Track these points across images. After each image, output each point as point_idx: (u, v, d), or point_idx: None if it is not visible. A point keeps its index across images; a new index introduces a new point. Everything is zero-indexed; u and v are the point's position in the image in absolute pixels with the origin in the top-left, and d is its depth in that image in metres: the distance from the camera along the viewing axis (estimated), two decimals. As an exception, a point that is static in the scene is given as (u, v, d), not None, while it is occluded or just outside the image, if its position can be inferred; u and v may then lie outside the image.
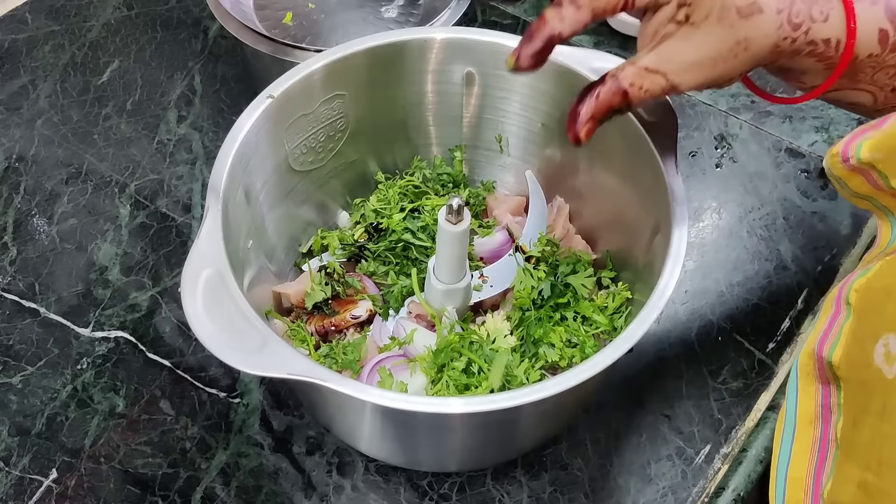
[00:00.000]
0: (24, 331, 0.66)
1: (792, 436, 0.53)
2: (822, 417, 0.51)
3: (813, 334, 0.53)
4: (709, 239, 0.74)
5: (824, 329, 0.52)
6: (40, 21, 0.90)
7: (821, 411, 0.51)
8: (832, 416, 0.50)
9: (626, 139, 0.56)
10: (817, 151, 0.80)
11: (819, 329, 0.52)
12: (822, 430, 0.51)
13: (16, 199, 0.75)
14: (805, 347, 0.53)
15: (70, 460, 0.60)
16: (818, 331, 0.52)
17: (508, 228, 0.66)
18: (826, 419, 0.51)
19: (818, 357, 0.51)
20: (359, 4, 0.83)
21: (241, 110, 0.55)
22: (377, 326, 0.61)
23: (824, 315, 0.52)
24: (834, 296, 0.52)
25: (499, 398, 0.43)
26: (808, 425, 0.52)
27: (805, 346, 0.53)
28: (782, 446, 0.53)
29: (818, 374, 0.52)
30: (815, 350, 0.51)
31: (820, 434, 0.51)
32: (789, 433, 0.53)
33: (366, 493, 0.59)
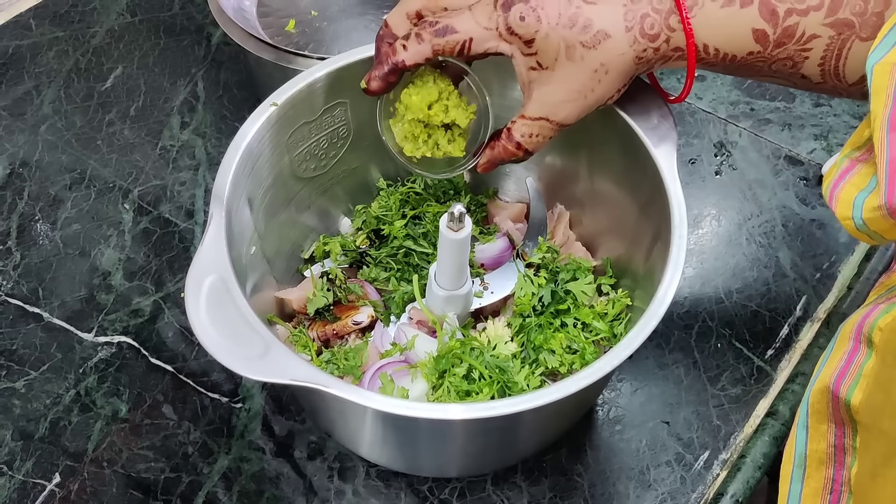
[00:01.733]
0: (28, 335, 0.67)
1: (802, 478, 0.50)
2: (835, 459, 0.49)
3: (826, 370, 0.50)
4: (708, 246, 0.74)
5: (841, 366, 0.48)
6: (44, 27, 0.91)
7: (833, 452, 0.49)
8: (846, 458, 0.48)
9: (626, 147, 0.56)
10: (816, 159, 0.80)
11: (834, 365, 0.49)
12: (834, 472, 0.49)
13: (20, 205, 0.76)
14: (817, 384, 0.50)
15: (73, 464, 0.60)
16: (832, 367, 0.49)
17: (509, 235, 0.66)
18: (839, 461, 0.49)
19: (834, 395, 0.48)
20: (361, 12, 0.84)
21: (243, 117, 0.55)
22: (378, 332, 0.61)
23: (839, 349, 0.49)
24: (851, 329, 0.49)
25: (499, 405, 0.44)
26: (820, 466, 0.50)
27: (816, 382, 0.50)
28: (791, 487, 0.51)
29: (831, 414, 0.49)
30: (831, 387, 0.49)
31: (832, 475, 0.49)
32: (799, 475, 0.51)
33: (367, 497, 0.59)
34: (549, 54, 0.49)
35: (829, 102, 0.85)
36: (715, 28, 0.48)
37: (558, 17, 0.48)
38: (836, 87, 0.50)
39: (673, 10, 0.48)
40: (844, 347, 0.49)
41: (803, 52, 0.48)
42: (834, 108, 0.85)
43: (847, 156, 0.44)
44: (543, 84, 0.50)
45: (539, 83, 0.51)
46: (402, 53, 0.51)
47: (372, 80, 0.52)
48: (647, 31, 0.49)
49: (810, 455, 0.50)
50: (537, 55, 0.50)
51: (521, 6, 0.48)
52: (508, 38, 0.50)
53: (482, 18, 0.50)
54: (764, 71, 0.51)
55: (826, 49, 0.47)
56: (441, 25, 0.50)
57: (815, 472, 0.50)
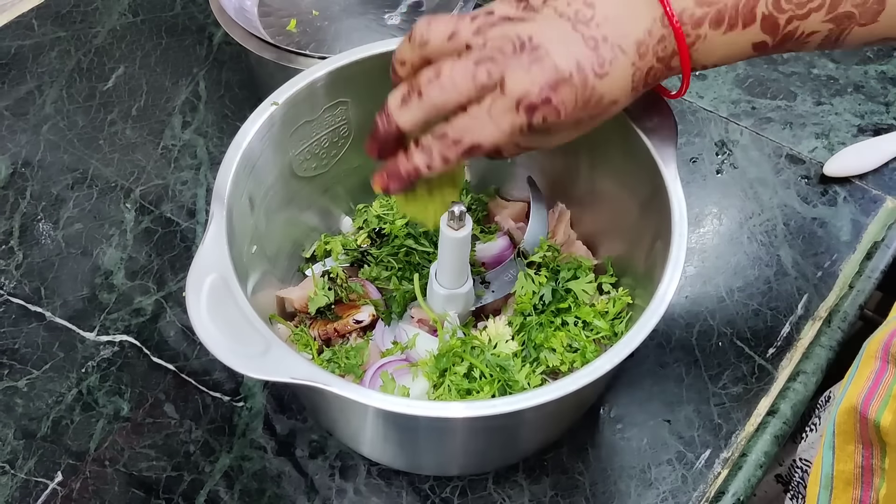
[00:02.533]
0: (30, 335, 0.67)
1: (829, 499, 0.50)
2: (863, 479, 0.49)
3: (853, 389, 0.49)
4: (709, 244, 0.74)
5: (868, 386, 0.49)
6: (46, 27, 0.91)
7: (860, 473, 0.49)
8: (874, 479, 0.48)
9: (627, 145, 0.56)
10: (818, 158, 0.80)
11: (861, 385, 0.49)
12: (861, 493, 0.49)
13: (22, 204, 0.76)
14: (843, 404, 0.49)
15: (75, 463, 0.60)
16: (860, 387, 0.49)
17: (510, 234, 0.66)
18: (867, 482, 0.49)
19: (862, 417, 0.48)
20: (362, 11, 0.84)
21: (245, 116, 0.56)
22: (379, 331, 0.61)
23: (865, 368, 0.49)
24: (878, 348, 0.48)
25: (500, 403, 0.44)
26: (847, 486, 0.50)
27: (843, 402, 0.49)
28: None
29: (859, 435, 0.49)
30: (859, 408, 0.48)
31: (860, 496, 0.49)
32: (825, 496, 0.50)
33: (368, 496, 0.59)
34: None
35: (831, 101, 0.85)
36: (716, 51, 0.47)
37: (574, 103, 0.45)
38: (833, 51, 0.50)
39: (675, 53, 0.47)
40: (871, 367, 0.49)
41: (802, 46, 0.48)
42: (835, 106, 0.85)
43: None
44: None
45: None
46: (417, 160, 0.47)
47: (392, 184, 0.49)
48: (648, 82, 0.48)
49: (837, 476, 0.50)
50: None
51: (546, 109, 0.45)
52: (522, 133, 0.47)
53: (503, 124, 0.45)
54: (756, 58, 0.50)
55: (825, 39, 0.47)
56: (465, 144, 0.46)
57: (842, 494, 0.50)
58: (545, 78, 0.44)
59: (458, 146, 0.46)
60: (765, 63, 0.88)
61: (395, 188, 0.49)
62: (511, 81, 0.44)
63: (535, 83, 0.44)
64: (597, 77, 0.45)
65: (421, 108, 0.46)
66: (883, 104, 0.85)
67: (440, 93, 0.45)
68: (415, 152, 0.47)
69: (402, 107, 0.46)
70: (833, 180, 0.78)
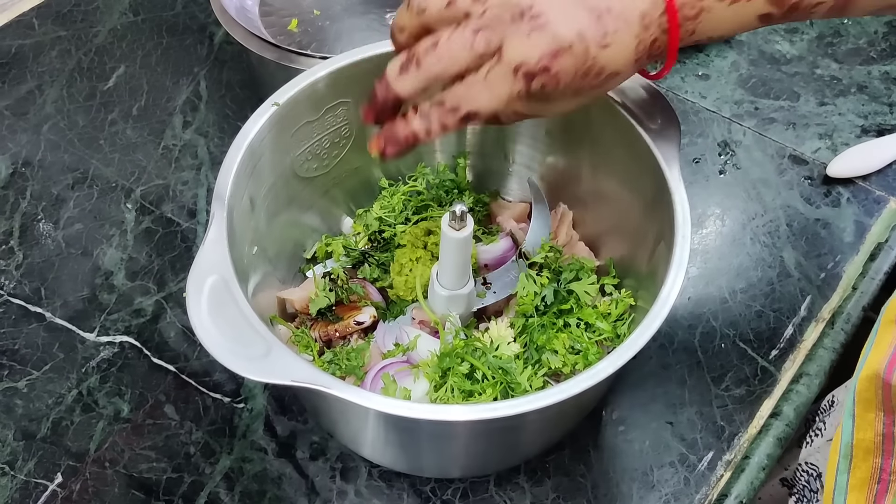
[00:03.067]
0: (30, 335, 0.67)
1: (848, 468, 0.49)
2: (884, 448, 0.48)
3: (874, 356, 0.48)
4: (712, 246, 0.74)
5: (891, 353, 0.47)
6: (47, 26, 0.91)
7: (881, 441, 0.48)
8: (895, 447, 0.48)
9: (629, 146, 0.56)
10: (821, 158, 0.80)
11: (883, 352, 0.48)
12: (882, 461, 0.48)
13: (22, 204, 0.76)
14: (864, 371, 0.48)
15: (75, 465, 0.60)
16: (881, 353, 0.48)
17: (512, 235, 0.66)
18: (888, 450, 0.48)
19: (885, 383, 0.47)
20: (364, 11, 0.84)
21: (246, 116, 0.55)
22: (381, 332, 0.61)
23: (886, 334, 0.47)
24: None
25: (502, 406, 0.43)
26: (867, 455, 0.49)
27: (863, 369, 0.48)
28: (838, 479, 0.50)
29: (881, 402, 0.48)
30: (882, 374, 0.47)
31: (881, 464, 0.48)
32: (845, 465, 0.49)
33: (369, 498, 0.59)
34: None
35: (834, 101, 0.85)
36: (722, 23, 0.47)
37: (574, 73, 0.45)
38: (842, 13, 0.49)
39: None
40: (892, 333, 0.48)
41: (809, 15, 0.47)
42: (839, 107, 0.84)
43: None
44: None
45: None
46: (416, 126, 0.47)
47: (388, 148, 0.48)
48: (653, 53, 0.47)
49: (857, 444, 0.49)
50: None
51: (544, 77, 0.44)
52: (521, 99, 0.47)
53: (501, 91, 0.45)
54: None
55: (831, 9, 0.46)
56: (463, 111, 0.46)
57: (862, 462, 0.48)
58: (544, 46, 0.43)
59: (455, 113, 0.46)
60: (768, 63, 0.88)
61: (391, 152, 0.48)
62: (509, 48, 0.44)
63: (534, 50, 0.43)
64: (599, 48, 0.44)
65: (419, 77, 0.46)
66: (887, 105, 0.84)
67: (438, 62, 0.45)
68: (413, 118, 0.47)
69: (400, 75, 0.46)
70: (836, 181, 0.78)
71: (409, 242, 0.63)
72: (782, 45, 0.90)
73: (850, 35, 0.91)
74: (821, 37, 0.91)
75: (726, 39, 0.47)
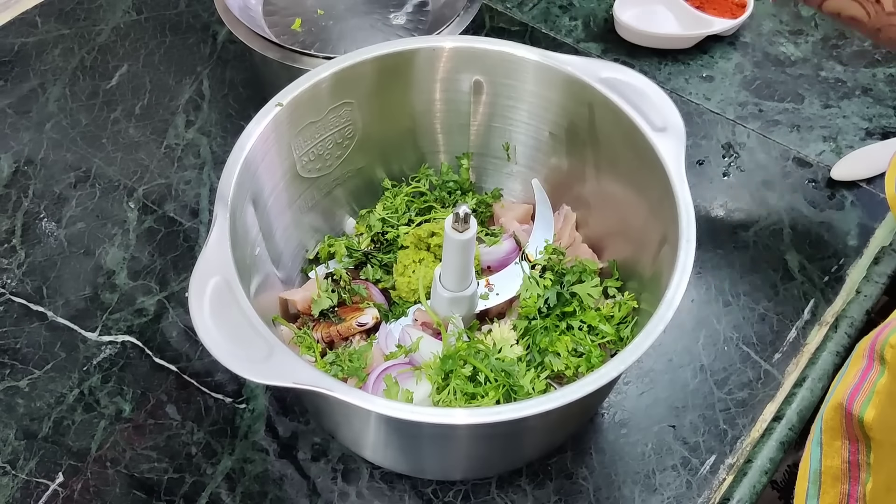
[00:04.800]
0: (32, 334, 0.67)
1: (817, 494, 0.51)
2: (850, 475, 0.49)
3: (841, 387, 0.50)
4: (715, 248, 0.73)
5: (854, 383, 0.49)
6: (50, 25, 0.90)
7: (847, 468, 0.49)
8: (861, 474, 0.49)
9: (633, 148, 0.56)
10: (825, 161, 0.79)
11: (848, 382, 0.49)
12: (849, 488, 0.49)
13: (24, 203, 0.75)
14: (831, 401, 0.50)
15: (76, 464, 0.60)
16: (847, 384, 0.49)
17: (515, 236, 0.66)
18: (854, 477, 0.49)
19: (847, 413, 0.49)
20: (367, 11, 0.83)
21: (249, 115, 0.55)
22: (383, 334, 0.61)
23: (854, 367, 0.49)
24: (865, 347, 0.49)
25: (504, 410, 0.43)
26: (835, 482, 0.50)
27: (831, 399, 0.50)
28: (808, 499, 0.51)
29: (845, 430, 0.50)
30: (844, 405, 0.49)
31: (847, 491, 0.49)
32: (814, 491, 0.51)
33: (370, 500, 0.59)
34: None
35: (839, 104, 0.84)
36: None
37: None
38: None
39: None
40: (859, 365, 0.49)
41: None
42: (843, 109, 0.84)
43: None
44: None
45: None
46: None
47: None
48: None
49: (825, 471, 0.50)
50: None
51: None
52: None
53: None
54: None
55: None
56: None
57: (831, 489, 0.50)
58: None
59: None
60: (772, 65, 0.88)
61: None
62: None
63: None
64: None
65: None
66: (891, 107, 0.84)
67: None
68: None
69: None
70: (840, 184, 0.78)
71: (412, 244, 0.62)
72: (787, 47, 0.90)
73: (855, 37, 0.90)
74: (825, 39, 0.90)
75: (730, 41, 0.47)
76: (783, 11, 0.93)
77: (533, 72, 0.60)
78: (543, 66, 0.60)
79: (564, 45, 0.89)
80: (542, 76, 0.60)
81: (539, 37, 0.90)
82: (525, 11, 0.93)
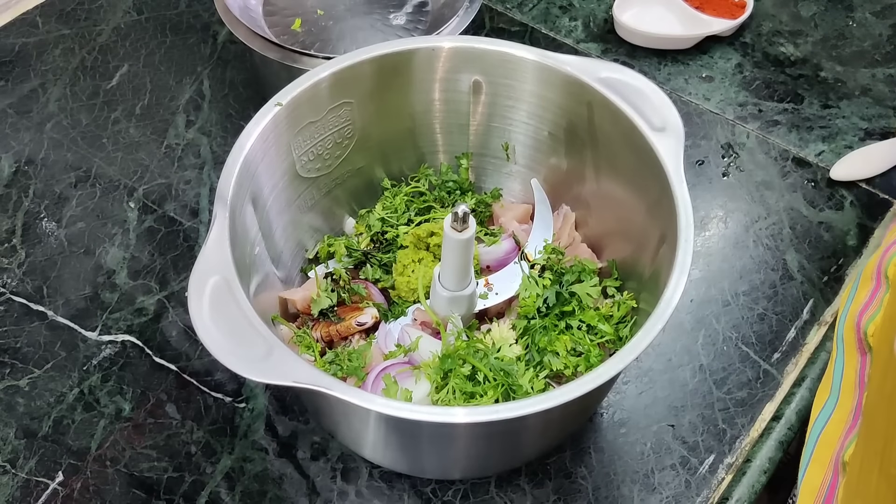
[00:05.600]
0: (32, 333, 0.67)
1: (835, 402, 0.53)
2: (859, 386, 0.52)
3: (854, 305, 0.53)
4: (715, 248, 0.73)
5: (865, 301, 0.52)
6: (51, 25, 0.91)
7: (858, 380, 0.52)
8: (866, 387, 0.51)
9: (633, 148, 0.56)
10: (824, 161, 0.80)
11: (860, 301, 0.52)
12: (857, 399, 0.51)
13: (25, 202, 0.76)
14: (848, 319, 0.53)
15: (76, 463, 0.60)
16: (858, 302, 0.53)
17: (514, 236, 0.66)
18: (861, 388, 0.51)
19: (857, 327, 0.51)
20: (367, 11, 0.84)
21: (249, 115, 0.55)
22: (382, 333, 0.61)
23: (864, 287, 0.52)
24: (873, 268, 0.52)
25: (503, 408, 0.43)
26: (849, 393, 0.53)
27: (848, 317, 0.53)
28: (824, 408, 0.54)
29: (857, 344, 0.52)
30: (855, 320, 0.52)
31: (855, 404, 0.51)
32: (833, 399, 0.53)
33: (370, 499, 0.59)
34: None
35: (838, 104, 0.84)
36: None
37: None
38: None
39: None
40: (868, 286, 0.52)
41: None
42: (842, 110, 0.84)
43: None
44: None
45: None
46: None
47: None
48: None
49: (844, 382, 0.53)
50: None
51: None
52: None
53: None
54: None
55: None
56: None
57: (846, 401, 0.53)
58: None
59: None
60: (772, 65, 0.88)
61: None
62: None
63: None
64: None
65: None
66: (890, 108, 0.84)
67: None
68: None
69: None
70: (840, 184, 0.78)
71: (412, 243, 0.62)
72: (786, 48, 0.90)
73: (855, 38, 0.90)
74: (825, 39, 0.90)
75: (730, 41, 0.48)
76: (783, 11, 0.93)
77: (532, 72, 0.60)
78: (543, 66, 0.60)
79: (564, 46, 0.89)
80: (541, 76, 0.60)
81: (539, 37, 0.90)
82: (525, 12, 0.93)
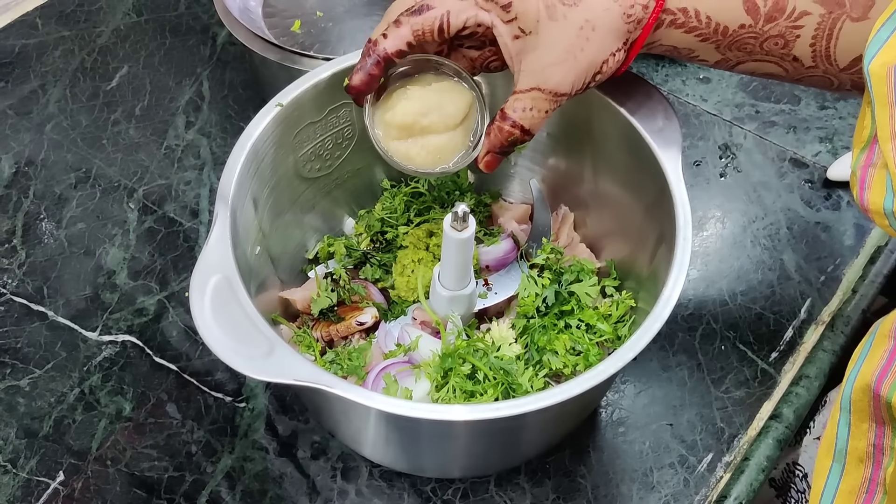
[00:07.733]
0: (33, 334, 0.67)
1: (840, 474, 0.50)
2: (874, 458, 0.49)
3: (867, 367, 0.49)
4: (712, 248, 0.74)
5: (882, 364, 0.48)
6: (50, 26, 0.91)
7: (872, 451, 0.49)
8: (884, 459, 0.48)
9: (631, 148, 0.56)
10: (821, 162, 0.80)
11: (875, 363, 0.48)
12: (872, 472, 0.49)
13: (25, 203, 0.76)
14: (858, 381, 0.50)
15: (77, 463, 0.60)
16: (873, 365, 0.48)
17: (514, 236, 0.66)
18: (878, 461, 0.49)
19: (875, 395, 0.48)
20: (366, 13, 0.84)
21: (248, 116, 0.56)
22: (382, 333, 0.61)
23: (879, 347, 0.49)
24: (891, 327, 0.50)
25: (503, 406, 0.44)
26: (859, 463, 0.50)
27: (857, 379, 0.50)
28: (828, 482, 0.51)
29: (873, 413, 0.49)
30: (872, 387, 0.48)
31: (870, 475, 0.49)
32: (837, 470, 0.51)
33: (370, 498, 0.59)
34: (529, 17, 0.48)
35: (835, 105, 0.85)
36: None
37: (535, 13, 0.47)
38: (828, 71, 0.50)
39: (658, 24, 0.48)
40: (885, 346, 0.49)
41: (794, 30, 0.48)
42: (839, 110, 0.84)
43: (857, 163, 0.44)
44: (530, 51, 0.49)
45: (525, 52, 0.50)
46: (382, 43, 0.50)
47: (354, 74, 0.51)
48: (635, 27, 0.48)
49: (850, 452, 0.50)
50: (517, 20, 0.49)
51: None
52: (485, 6, 0.49)
53: None
54: (756, 51, 0.51)
55: (817, 28, 0.48)
56: (416, 6, 0.49)
57: (854, 470, 0.50)
58: None
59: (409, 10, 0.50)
60: (769, 66, 0.88)
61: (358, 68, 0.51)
62: None
63: None
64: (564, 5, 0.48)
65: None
66: (887, 108, 0.84)
67: None
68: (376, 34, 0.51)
69: None
70: (837, 184, 0.78)
71: (411, 243, 0.63)
72: (783, 49, 0.90)
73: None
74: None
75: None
76: (780, 13, 0.94)
77: (531, 72, 0.61)
78: (541, 66, 0.60)
79: (562, 47, 0.90)
80: (540, 77, 0.61)
81: (537, 38, 0.90)
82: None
